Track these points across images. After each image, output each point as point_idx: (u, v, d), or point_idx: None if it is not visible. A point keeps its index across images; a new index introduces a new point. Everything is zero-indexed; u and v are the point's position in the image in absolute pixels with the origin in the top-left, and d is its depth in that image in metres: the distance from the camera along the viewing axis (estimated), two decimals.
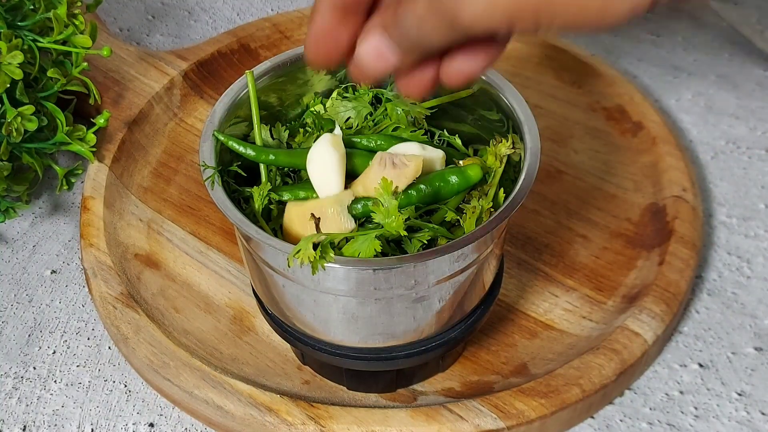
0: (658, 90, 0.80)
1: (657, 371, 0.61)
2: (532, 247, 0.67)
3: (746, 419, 0.59)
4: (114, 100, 0.74)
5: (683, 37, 0.85)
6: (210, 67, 0.78)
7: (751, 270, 0.67)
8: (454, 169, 0.53)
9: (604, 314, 0.63)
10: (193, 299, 0.64)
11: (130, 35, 0.85)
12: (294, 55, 0.57)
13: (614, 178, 0.71)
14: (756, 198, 0.71)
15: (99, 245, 0.65)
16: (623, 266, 0.66)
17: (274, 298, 0.54)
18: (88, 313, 0.64)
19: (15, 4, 0.66)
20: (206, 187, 0.52)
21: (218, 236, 0.68)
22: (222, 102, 0.55)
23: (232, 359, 0.61)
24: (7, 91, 0.63)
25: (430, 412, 0.56)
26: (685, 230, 0.65)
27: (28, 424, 0.59)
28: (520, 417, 0.56)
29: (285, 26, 0.81)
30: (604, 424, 0.59)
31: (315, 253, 0.47)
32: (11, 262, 0.67)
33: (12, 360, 0.62)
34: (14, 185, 0.67)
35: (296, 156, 0.54)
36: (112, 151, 0.70)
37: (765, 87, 0.80)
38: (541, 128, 0.54)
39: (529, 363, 0.61)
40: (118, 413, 0.59)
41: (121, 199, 0.69)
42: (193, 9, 0.88)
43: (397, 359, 0.55)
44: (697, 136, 0.76)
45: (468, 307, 0.55)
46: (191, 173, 0.72)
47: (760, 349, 0.63)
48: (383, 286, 0.50)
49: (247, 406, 0.57)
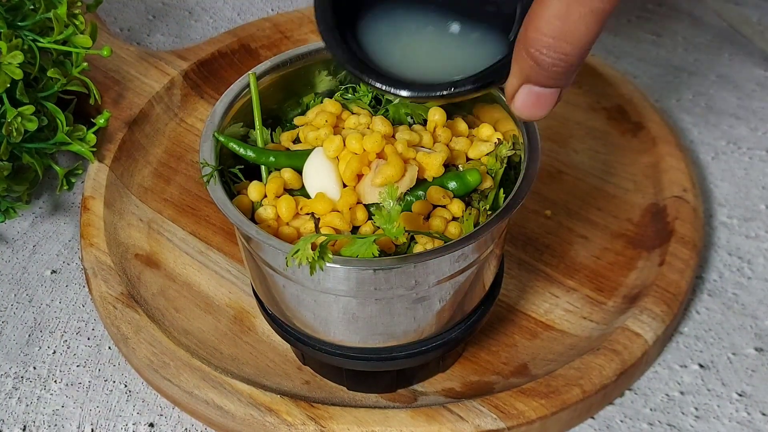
0: (659, 90, 0.80)
1: (657, 372, 0.61)
2: (532, 247, 0.67)
3: (747, 420, 0.59)
4: (114, 100, 0.74)
5: (683, 37, 0.85)
6: (210, 67, 0.78)
7: (751, 271, 0.67)
8: (453, 175, 0.53)
9: (605, 315, 0.63)
10: (193, 299, 0.64)
11: (130, 35, 0.85)
12: (294, 55, 0.57)
13: (615, 179, 0.71)
14: (757, 199, 0.71)
15: (99, 245, 0.65)
16: (624, 267, 0.66)
17: (275, 298, 0.54)
18: (89, 313, 0.64)
19: (15, 4, 0.66)
20: (205, 187, 0.52)
21: (219, 236, 0.68)
22: (222, 102, 0.55)
23: (233, 359, 0.61)
24: (7, 91, 0.63)
25: (430, 413, 0.56)
26: (685, 231, 0.65)
27: (28, 424, 0.59)
28: (520, 417, 0.56)
29: (285, 26, 0.81)
30: (604, 425, 0.59)
31: (313, 254, 0.47)
32: (11, 262, 0.67)
33: (12, 360, 0.62)
34: (14, 185, 0.67)
35: (296, 158, 0.54)
36: (112, 151, 0.70)
37: (766, 87, 0.80)
38: (541, 128, 0.54)
39: (530, 363, 0.61)
40: (118, 413, 0.59)
41: (122, 199, 0.69)
42: (194, 9, 0.88)
43: (398, 359, 0.55)
44: (697, 137, 0.76)
45: (468, 308, 0.55)
46: (192, 173, 0.72)
47: (760, 349, 0.63)
48: (383, 286, 0.50)
49: (248, 406, 0.57)
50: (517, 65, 0.43)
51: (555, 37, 0.41)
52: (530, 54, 0.42)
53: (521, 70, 0.43)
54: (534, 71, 0.42)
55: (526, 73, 0.43)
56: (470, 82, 0.46)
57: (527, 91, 0.43)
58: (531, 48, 0.41)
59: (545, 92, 0.44)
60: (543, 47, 0.41)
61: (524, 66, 0.42)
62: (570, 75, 0.43)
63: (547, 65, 0.42)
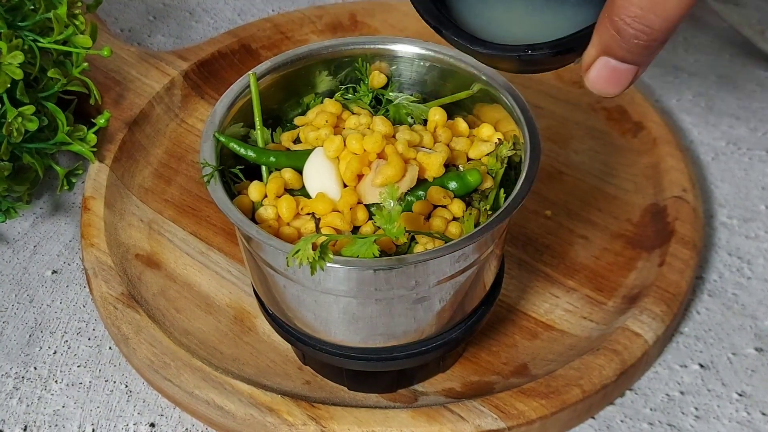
0: (659, 90, 0.80)
1: (657, 372, 0.62)
2: (532, 247, 0.67)
3: (747, 420, 0.59)
4: (115, 101, 0.74)
5: (684, 38, 0.85)
6: (211, 68, 0.78)
7: (751, 271, 0.67)
8: (453, 175, 0.53)
9: (605, 315, 0.63)
10: (193, 299, 0.64)
11: (131, 36, 0.85)
12: (294, 56, 0.57)
13: (615, 179, 0.71)
14: (757, 199, 0.71)
15: (100, 245, 0.65)
16: (624, 267, 0.66)
17: (275, 298, 0.54)
18: (89, 313, 0.64)
19: (15, 4, 0.66)
20: (205, 187, 0.52)
21: (219, 237, 0.68)
22: (223, 102, 0.55)
23: (233, 359, 0.61)
24: (7, 91, 0.63)
25: (430, 413, 0.56)
26: (685, 231, 0.65)
27: (29, 424, 0.59)
28: (520, 417, 0.56)
29: (286, 26, 0.81)
30: (604, 425, 0.59)
31: (314, 254, 0.47)
32: (12, 262, 0.68)
33: (13, 360, 0.62)
34: (15, 185, 0.67)
35: (297, 158, 0.54)
36: (112, 152, 0.70)
37: (766, 88, 0.80)
38: (542, 128, 0.54)
39: (530, 363, 0.61)
40: (118, 413, 0.59)
41: (122, 200, 0.69)
42: (194, 10, 0.88)
43: (398, 360, 0.55)
44: (697, 137, 0.76)
45: (469, 308, 0.55)
46: (192, 174, 0.72)
47: (760, 349, 0.63)
48: (384, 286, 0.50)
49: (248, 406, 0.57)
50: (598, 34, 0.42)
51: (644, 7, 0.39)
52: (614, 23, 0.40)
53: (601, 40, 0.41)
54: (615, 42, 0.41)
55: (606, 43, 0.41)
56: (548, 47, 0.44)
57: (604, 62, 0.42)
58: (616, 17, 0.40)
59: (622, 67, 0.42)
60: (629, 17, 0.40)
61: (605, 36, 0.41)
62: (651, 53, 0.41)
63: (629, 36, 0.40)
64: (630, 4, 0.39)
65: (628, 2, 0.40)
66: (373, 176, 0.52)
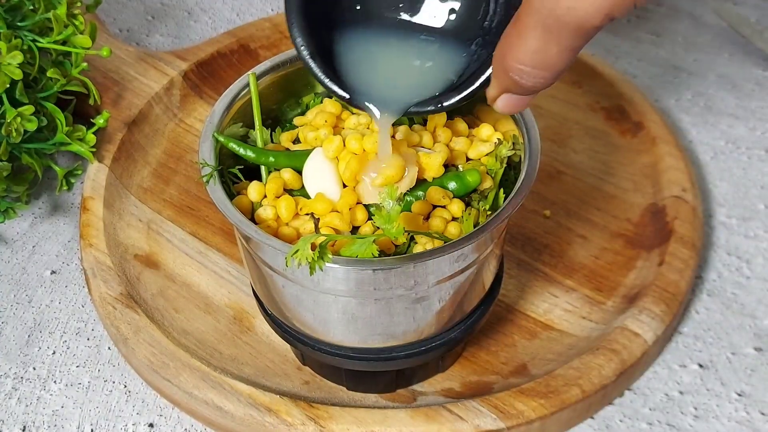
0: (658, 90, 0.80)
1: (657, 371, 0.62)
2: (531, 247, 0.67)
3: (746, 419, 0.59)
4: (114, 101, 0.74)
5: (683, 37, 0.85)
6: (209, 68, 0.78)
7: (750, 270, 0.67)
8: (453, 175, 0.53)
9: (604, 314, 0.63)
10: (192, 300, 0.64)
11: (129, 36, 0.85)
12: (294, 55, 0.57)
13: (614, 179, 0.71)
14: (755, 198, 0.71)
15: (99, 246, 0.65)
16: (623, 266, 0.66)
17: (274, 298, 0.54)
18: (88, 313, 0.64)
19: (15, 4, 0.66)
20: (204, 187, 0.52)
21: (218, 237, 0.68)
22: (221, 102, 0.55)
23: (232, 359, 0.61)
24: (6, 91, 0.63)
25: (429, 413, 0.56)
26: (684, 230, 0.65)
27: (28, 424, 0.59)
28: (519, 417, 0.56)
29: (285, 26, 0.80)
30: (603, 425, 0.59)
31: (313, 254, 0.47)
32: (11, 262, 0.67)
33: (12, 360, 0.62)
34: (14, 186, 0.67)
35: (296, 158, 0.54)
36: (111, 152, 0.70)
37: (764, 87, 0.80)
38: (541, 128, 0.54)
39: (529, 363, 0.61)
40: (117, 414, 0.59)
41: (121, 200, 0.69)
42: (193, 9, 0.88)
43: (397, 359, 0.55)
44: (696, 137, 0.76)
45: (468, 308, 0.55)
46: (191, 174, 0.72)
47: (759, 349, 0.63)
48: (383, 286, 0.50)
49: (247, 406, 0.57)
50: (497, 80, 0.47)
51: (534, 67, 0.44)
52: (510, 77, 0.45)
53: (501, 84, 0.47)
54: (514, 86, 0.46)
55: (506, 86, 0.46)
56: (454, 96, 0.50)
57: (507, 97, 0.47)
58: (511, 72, 0.45)
59: (524, 97, 0.47)
60: (523, 74, 0.45)
61: (505, 82, 0.46)
62: (547, 87, 0.46)
63: (527, 85, 0.45)
64: (522, 65, 0.45)
65: (519, 63, 0.45)
66: (372, 176, 0.52)
